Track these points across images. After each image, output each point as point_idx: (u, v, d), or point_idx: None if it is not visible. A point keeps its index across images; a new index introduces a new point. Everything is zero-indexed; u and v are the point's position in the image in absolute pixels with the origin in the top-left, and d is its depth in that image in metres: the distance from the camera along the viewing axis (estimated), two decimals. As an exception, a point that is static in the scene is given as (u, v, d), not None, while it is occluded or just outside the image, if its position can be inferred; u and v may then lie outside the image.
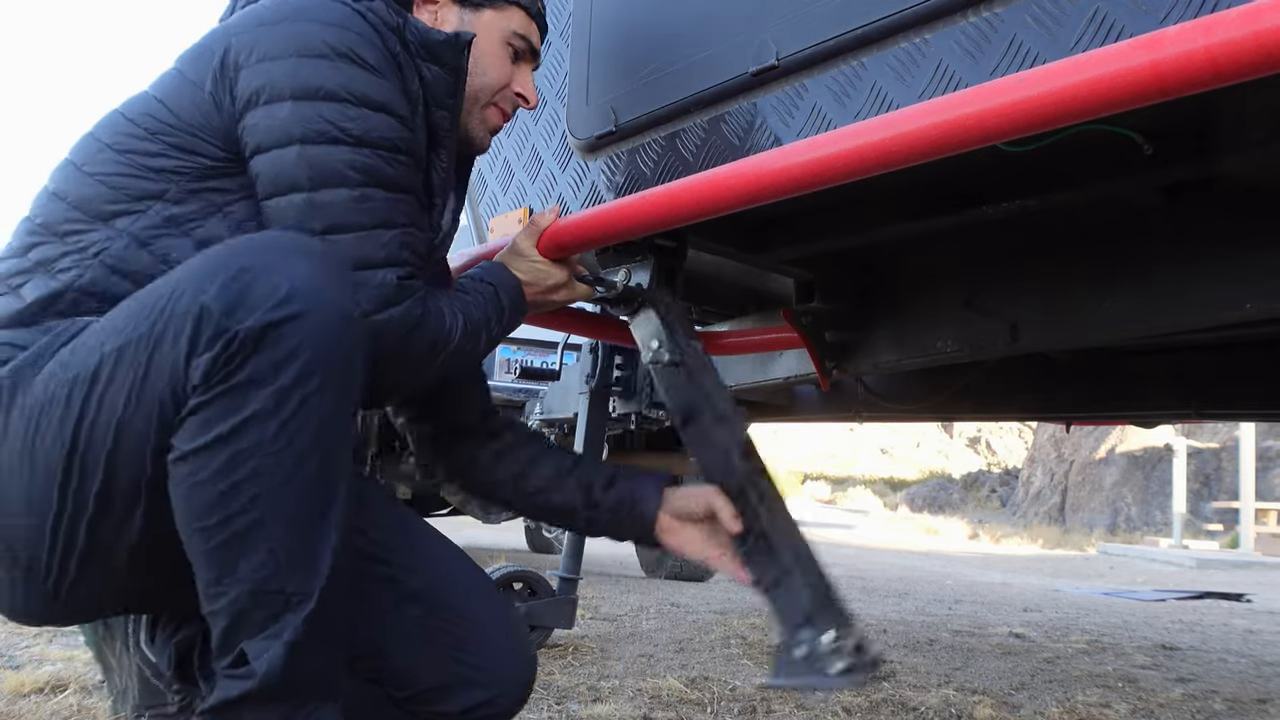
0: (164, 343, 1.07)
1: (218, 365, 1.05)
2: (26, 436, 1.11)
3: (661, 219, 1.45)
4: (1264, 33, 0.82)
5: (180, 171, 1.27)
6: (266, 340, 1.05)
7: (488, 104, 1.56)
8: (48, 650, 2.46)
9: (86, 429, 1.09)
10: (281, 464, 1.07)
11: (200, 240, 1.25)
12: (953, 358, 2.03)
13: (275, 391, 1.06)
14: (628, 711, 2.15)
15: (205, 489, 1.06)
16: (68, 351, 1.14)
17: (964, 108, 1.06)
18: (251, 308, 1.05)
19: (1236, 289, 1.56)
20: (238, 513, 1.06)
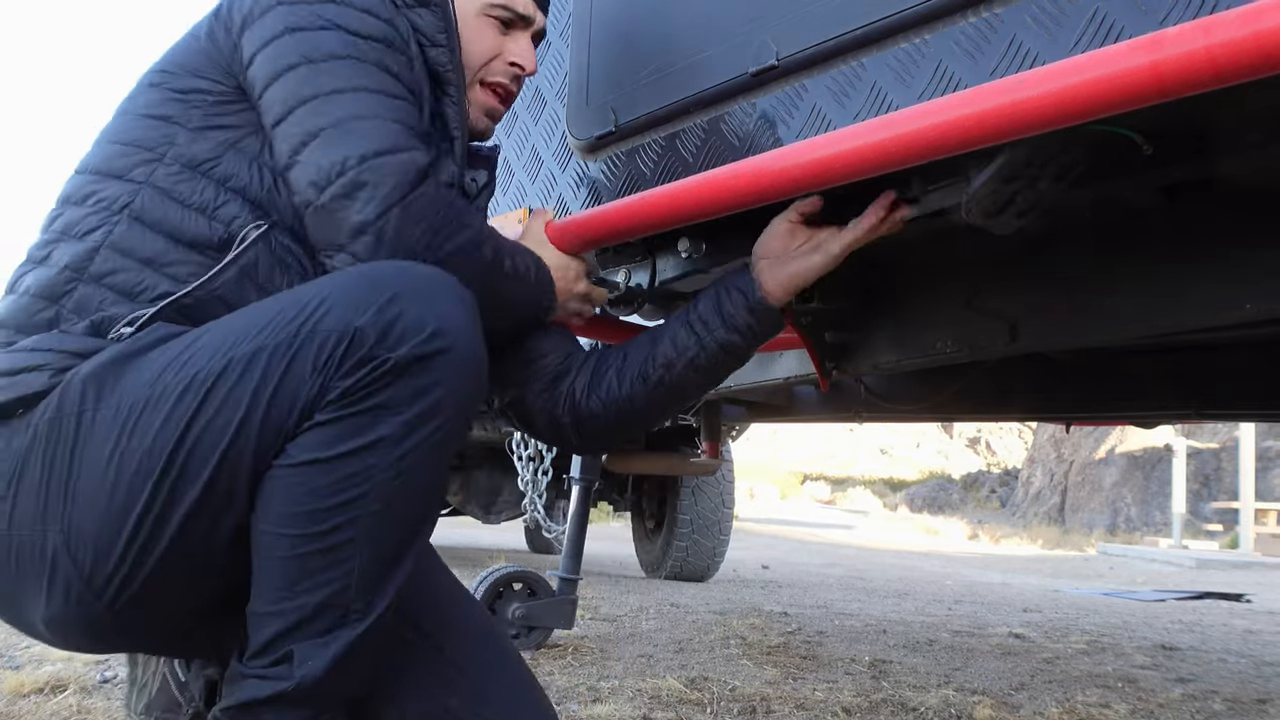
0: (305, 354, 1.07)
1: (359, 385, 1.07)
2: (120, 433, 1.09)
3: (662, 219, 1.45)
4: (1264, 33, 0.82)
5: (186, 113, 1.27)
6: (410, 371, 1.08)
7: (472, 83, 1.52)
8: (47, 651, 2.45)
9: (201, 426, 1.08)
10: (391, 490, 1.08)
11: (220, 179, 1.26)
12: (952, 358, 2.02)
13: (406, 421, 1.08)
14: (627, 712, 2.15)
15: (312, 499, 1.07)
16: (175, 352, 1.12)
17: (963, 109, 1.06)
18: (403, 338, 1.07)
19: (1236, 289, 1.56)
20: (335, 528, 1.07)
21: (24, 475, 1.11)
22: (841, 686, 2.59)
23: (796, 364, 2.45)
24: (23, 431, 1.12)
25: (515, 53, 1.54)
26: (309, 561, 1.08)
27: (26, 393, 1.12)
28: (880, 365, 2.18)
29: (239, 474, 1.08)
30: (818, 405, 3.28)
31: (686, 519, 5.56)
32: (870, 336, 2.17)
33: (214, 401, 1.07)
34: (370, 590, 1.10)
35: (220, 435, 1.07)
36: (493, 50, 1.53)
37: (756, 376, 2.63)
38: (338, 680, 1.10)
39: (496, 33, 1.53)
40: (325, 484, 1.07)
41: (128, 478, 1.07)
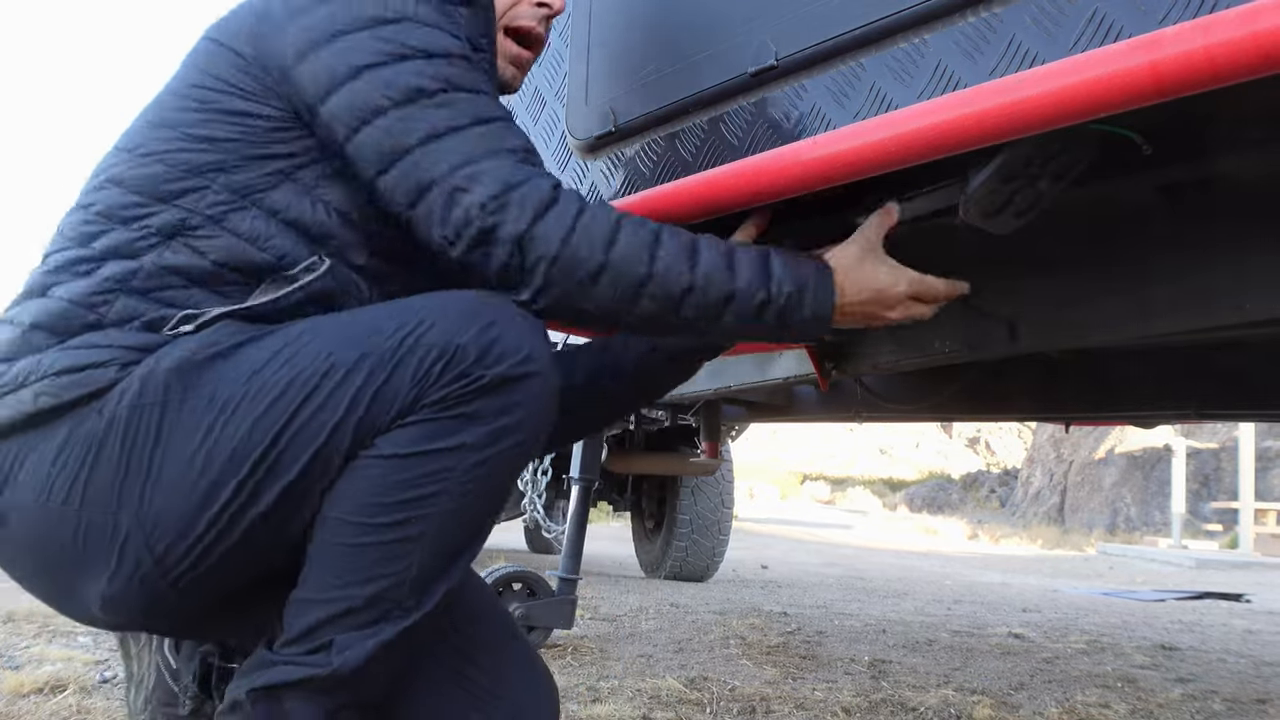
0: (407, 364, 1.12)
1: (453, 395, 1.12)
2: (214, 422, 1.12)
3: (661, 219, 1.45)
4: (1262, 33, 0.82)
5: (235, 138, 1.23)
6: (501, 388, 1.13)
7: (496, 31, 1.45)
8: (47, 650, 2.46)
9: (301, 422, 1.11)
10: (462, 494, 1.13)
11: (271, 209, 1.23)
12: (951, 358, 2.03)
13: (489, 431, 1.13)
14: (627, 712, 2.15)
15: (389, 491, 1.12)
16: (273, 350, 1.15)
17: (963, 108, 1.06)
18: (500, 359, 1.13)
19: (1236, 289, 1.56)
20: (404, 522, 1.12)
21: (99, 458, 1.12)
22: (841, 686, 2.59)
23: (796, 364, 2.45)
24: (93, 417, 1.13)
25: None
26: (371, 552, 1.12)
27: (96, 388, 1.14)
28: (879, 365, 2.18)
29: (328, 469, 1.12)
30: (817, 405, 3.28)
31: (686, 519, 5.56)
32: (869, 336, 2.17)
33: (316, 400, 1.12)
34: (421, 589, 1.14)
35: (318, 432, 1.11)
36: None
37: (756, 376, 2.63)
38: (372, 673, 1.13)
39: None
40: (404, 478, 1.12)
41: (219, 465, 1.11)
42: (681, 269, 1.22)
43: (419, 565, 1.13)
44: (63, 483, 1.13)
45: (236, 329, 1.19)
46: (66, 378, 1.14)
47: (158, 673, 1.48)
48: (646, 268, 1.21)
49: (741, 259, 1.26)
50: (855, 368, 2.22)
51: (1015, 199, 1.30)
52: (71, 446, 1.13)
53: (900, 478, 29.70)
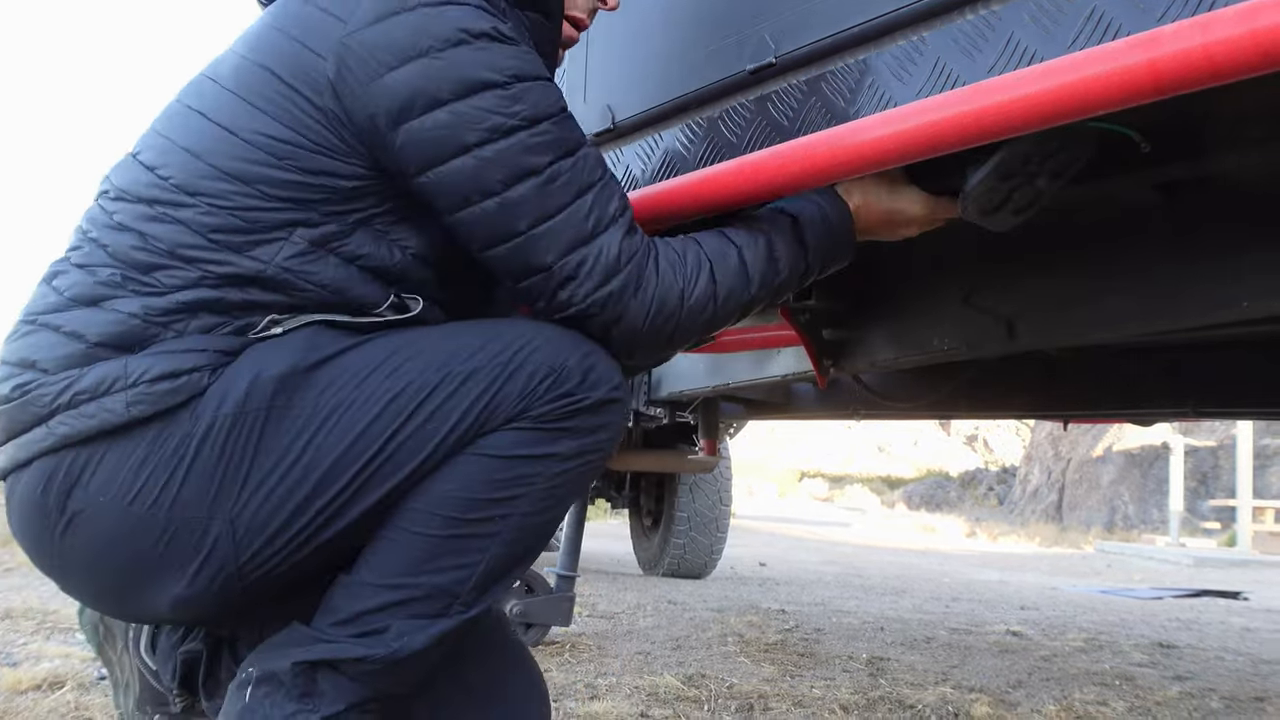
0: (516, 379, 1.17)
1: (554, 412, 1.18)
2: (318, 429, 1.14)
3: (658, 217, 1.45)
4: (1261, 31, 0.82)
5: (318, 199, 1.19)
6: (596, 410, 1.21)
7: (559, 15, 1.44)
8: (45, 647, 2.46)
9: (409, 432, 1.15)
10: (541, 500, 1.20)
11: (349, 257, 1.22)
12: (950, 355, 2.03)
13: (578, 446, 1.20)
14: (625, 709, 2.15)
15: (479, 489, 1.16)
16: (379, 359, 1.18)
17: (961, 106, 1.06)
18: (599, 383, 1.21)
19: (1234, 287, 1.56)
20: (486, 520, 1.17)
21: (195, 463, 1.12)
22: (839, 684, 2.59)
23: (794, 361, 2.45)
24: (187, 421, 1.13)
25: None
26: (448, 545, 1.16)
27: (194, 393, 1.14)
28: (878, 362, 2.18)
29: (428, 475, 1.17)
30: (815, 403, 3.28)
31: (684, 516, 5.56)
32: (868, 334, 2.17)
33: (426, 410, 1.15)
34: (482, 588, 1.18)
35: (425, 441, 1.15)
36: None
37: (754, 374, 2.63)
38: (418, 665, 1.16)
39: None
40: (497, 479, 1.17)
41: (320, 471, 1.13)
42: (740, 293, 1.31)
43: (488, 564, 1.17)
44: (152, 486, 1.12)
45: (337, 335, 1.21)
46: (164, 384, 1.13)
47: (140, 676, 1.48)
48: (711, 310, 1.30)
49: (779, 247, 1.34)
50: (854, 365, 2.22)
51: (1013, 197, 1.31)
52: (162, 450, 1.13)
53: (898, 475, 29.68)
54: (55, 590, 1.75)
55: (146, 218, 1.18)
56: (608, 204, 1.23)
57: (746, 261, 1.31)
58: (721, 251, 1.30)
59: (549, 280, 1.21)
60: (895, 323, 2.12)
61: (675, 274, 1.26)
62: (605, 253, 1.21)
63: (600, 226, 1.21)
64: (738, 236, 1.32)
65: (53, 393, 1.13)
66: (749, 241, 1.32)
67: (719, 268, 1.29)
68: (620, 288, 1.22)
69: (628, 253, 1.23)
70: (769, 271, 1.33)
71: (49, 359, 1.15)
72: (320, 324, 1.21)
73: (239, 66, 1.23)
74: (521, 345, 1.19)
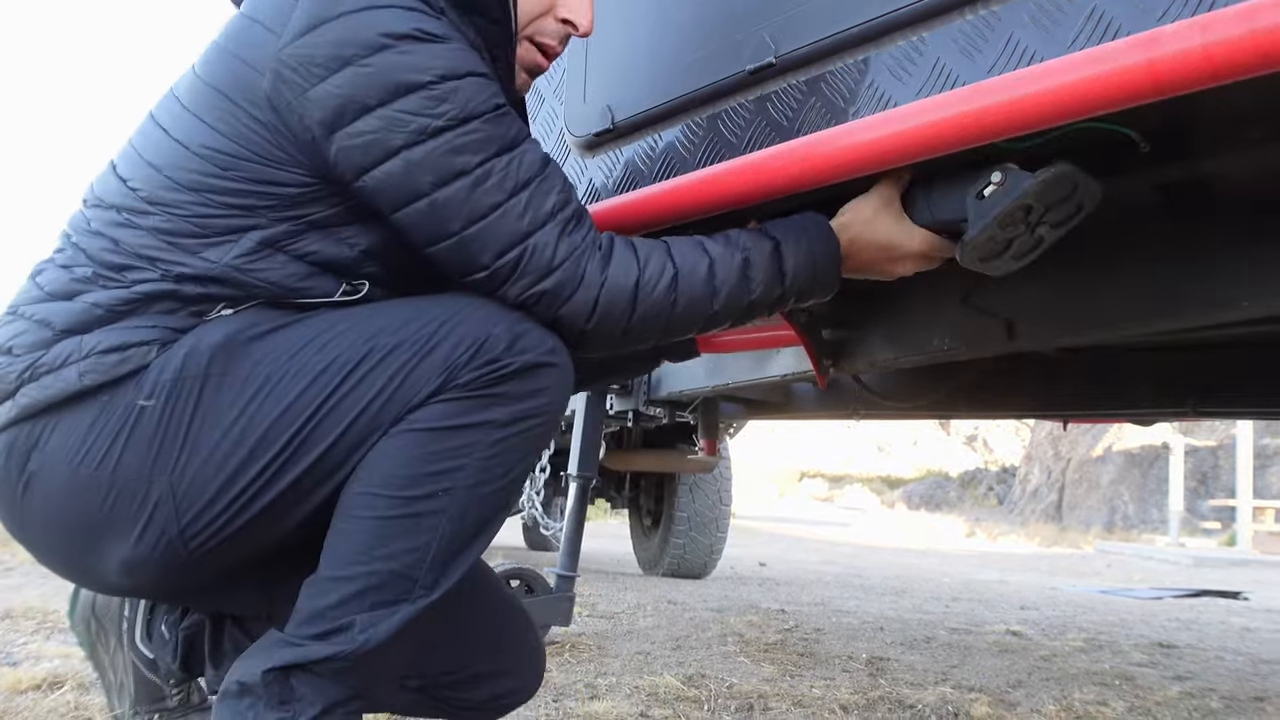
0: (440, 349, 1.19)
1: (482, 378, 1.19)
2: (253, 398, 1.18)
3: (659, 217, 1.45)
4: (1261, 31, 0.82)
5: (264, 205, 1.23)
6: (527, 375, 1.21)
7: (520, 39, 1.42)
8: (45, 647, 2.46)
9: (336, 400, 1.18)
10: (483, 470, 1.20)
11: (300, 254, 1.25)
12: (949, 356, 2.02)
13: (513, 412, 1.20)
14: (625, 709, 2.15)
15: (417, 464, 1.17)
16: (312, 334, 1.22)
17: (961, 106, 1.06)
18: (527, 348, 1.21)
19: (1233, 287, 1.56)
20: (429, 496, 1.17)
21: (137, 427, 1.17)
22: (839, 684, 2.59)
23: (794, 361, 2.45)
24: (133, 390, 1.18)
25: (569, 8, 1.43)
26: (396, 526, 1.17)
27: (140, 365, 1.18)
28: (877, 362, 2.18)
29: (357, 446, 1.18)
30: (815, 403, 3.28)
31: (684, 516, 5.56)
32: (867, 334, 2.17)
33: (352, 380, 1.18)
34: (440, 568, 1.19)
35: (350, 409, 1.18)
36: (545, 4, 1.42)
37: (754, 374, 2.63)
38: (390, 655, 1.17)
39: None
40: (432, 451, 1.18)
41: (254, 439, 1.16)
42: (702, 305, 1.31)
43: (440, 542, 1.18)
44: (98, 449, 1.17)
45: (278, 314, 1.24)
46: (113, 355, 1.18)
47: (135, 671, 1.49)
48: (666, 316, 1.30)
49: (755, 269, 1.33)
50: (853, 365, 2.22)
51: (1014, 244, 1.31)
52: (108, 415, 1.17)
53: (898, 475, 29.67)
54: (55, 590, 1.76)
55: (116, 224, 1.24)
56: (544, 201, 1.24)
57: (716, 275, 1.31)
58: (692, 262, 1.31)
59: (490, 279, 1.23)
60: (895, 323, 2.12)
61: (627, 276, 1.27)
62: (539, 251, 1.23)
63: (534, 225, 1.22)
64: (714, 249, 1.32)
65: (18, 370, 1.19)
66: (724, 256, 1.32)
67: (684, 277, 1.29)
68: (555, 286, 1.23)
69: (565, 251, 1.24)
70: (739, 290, 1.33)
71: (20, 344, 1.21)
72: (266, 304, 1.25)
73: (192, 84, 1.28)
74: (448, 318, 1.21)
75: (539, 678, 1.55)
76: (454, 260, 1.24)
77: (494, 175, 1.21)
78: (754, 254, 1.33)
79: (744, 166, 1.33)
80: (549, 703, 2.20)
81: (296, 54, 1.18)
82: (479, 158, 1.20)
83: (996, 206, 1.23)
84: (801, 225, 1.37)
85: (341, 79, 1.17)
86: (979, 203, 1.25)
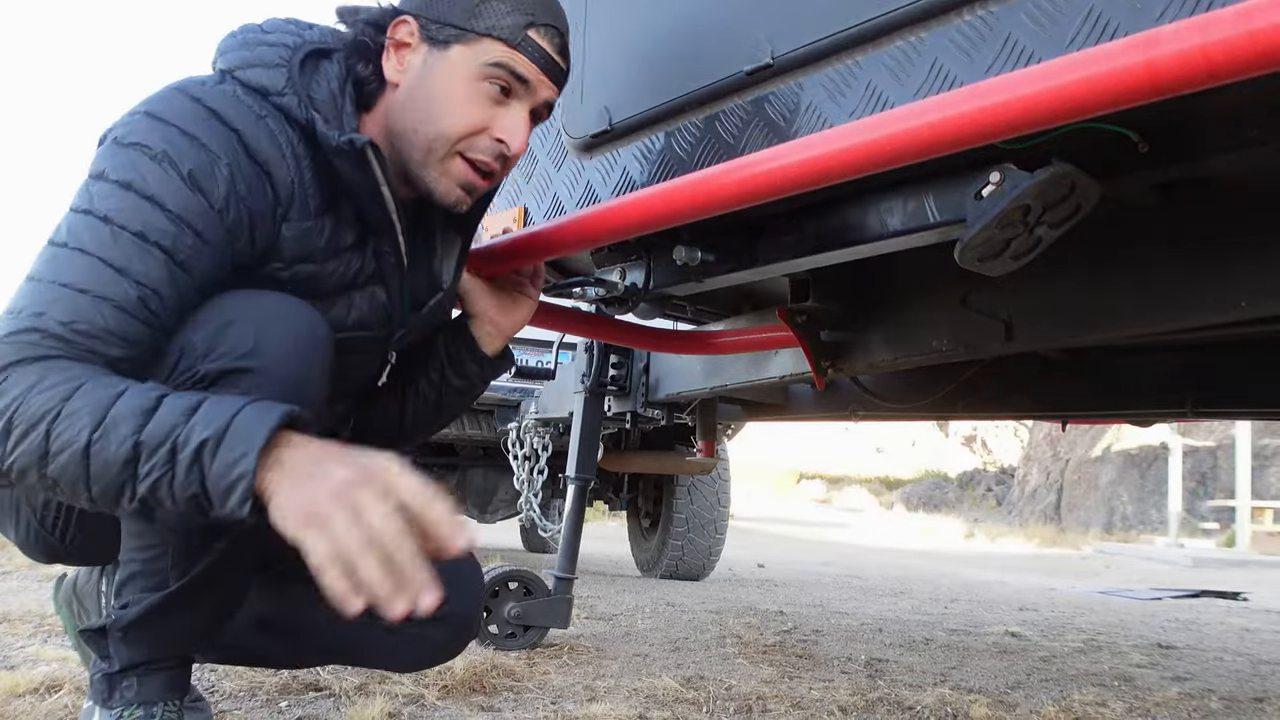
0: (165, 364, 1.22)
1: (183, 385, 1.20)
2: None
3: (657, 219, 1.44)
4: (1259, 31, 0.82)
5: None
6: (222, 382, 1.20)
7: (450, 155, 1.37)
8: (42, 650, 2.45)
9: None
10: None
11: None
12: (948, 357, 2.02)
13: None
14: (623, 711, 2.15)
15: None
16: None
17: (959, 106, 1.06)
18: (220, 354, 1.21)
19: (1231, 288, 1.56)
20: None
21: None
22: (837, 685, 2.59)
23: (792, 363, 2.45)
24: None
25: (504, 127, 1.37)
26: (140, 523, 1.30)
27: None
28: (875, 364, 2.18)
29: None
30: (813, 404, 3.28)
31: (682, 518, 5.56)
32: (866, 335, 2.17)
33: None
34: (183, 564, 1.30)
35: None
36: (479, 122, 1.36)
37: (752, 375, 2.63)
38: (154, 629, 1.34)
39: (489, 102, 1.36)
40: None
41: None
42: (72, 464, 1.07)
43: (174, 543, 1.30)
44: None
45: None
46: None
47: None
48: (40, 468, 1.08)
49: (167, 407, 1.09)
50: (851, 366, 2.22)
51: (1012, 245, 1.30)
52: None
53: (897, 476, 29.67)
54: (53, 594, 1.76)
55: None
56: (50, 306, 1.14)
57: (112, 417, 1.07)
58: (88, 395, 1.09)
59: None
60: (893, 324, 2.12)
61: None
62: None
63: (24, 312, 1.13)
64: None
65: None
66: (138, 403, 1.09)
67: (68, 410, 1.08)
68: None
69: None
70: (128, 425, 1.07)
71: None
72: None
73: None
74: (187, 326, 1.25)
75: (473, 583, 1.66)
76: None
77: (60, 262, 1.17)
78: (155, 445, 1.06)
79: (736, 169, 1.33)
80: (547, 704, 2.20)
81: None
82: (76, 241, 1.17)
83: (995, 207, 1.22)
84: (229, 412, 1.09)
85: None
86: (977, 203, 1.25)
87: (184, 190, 1.20)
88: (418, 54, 1.37)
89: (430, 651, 1.69)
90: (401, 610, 0.97)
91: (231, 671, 2.19)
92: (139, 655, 1.37)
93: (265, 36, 1.35)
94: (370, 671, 2.30)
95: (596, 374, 3.14)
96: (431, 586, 0.99)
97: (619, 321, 2.52)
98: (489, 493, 5.90)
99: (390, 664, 1.73)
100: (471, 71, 1.35)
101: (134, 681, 1.38)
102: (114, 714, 1.39)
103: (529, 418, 4.17)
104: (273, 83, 1.30)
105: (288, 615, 1.61)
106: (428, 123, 1.36)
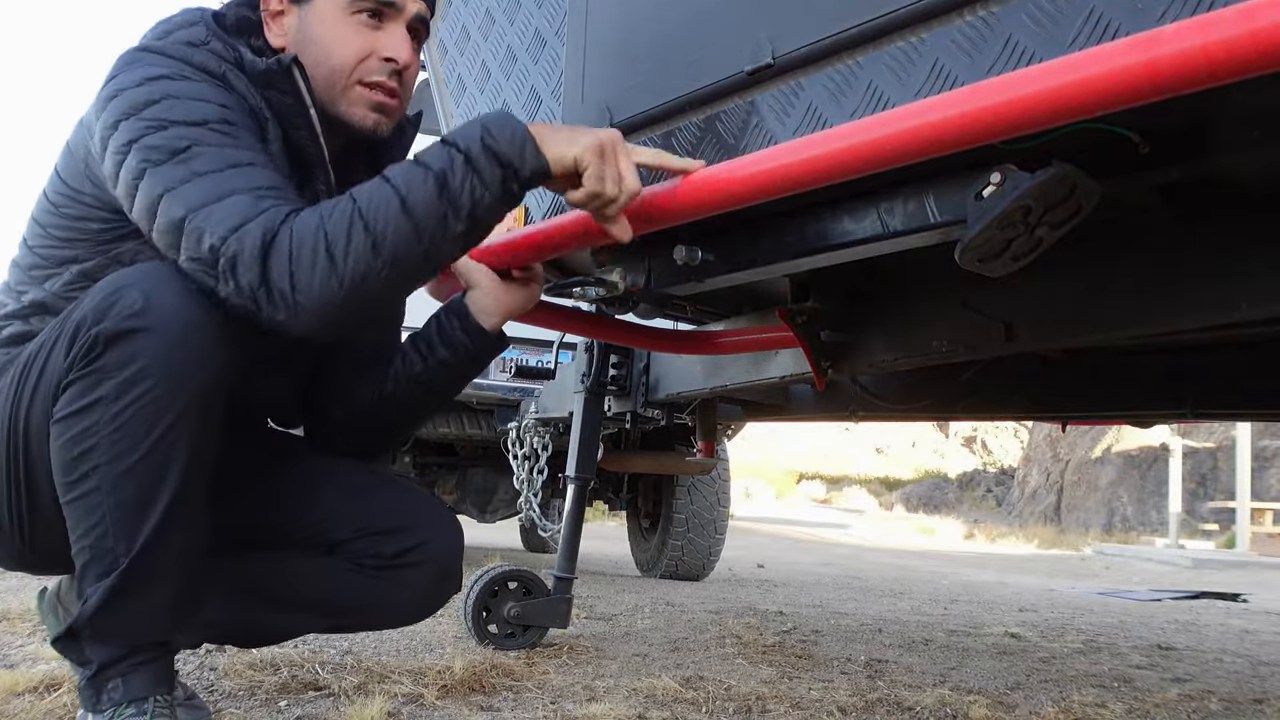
0: (60, 343, 1.33)
1: (81, 356, 1.29)
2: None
3: (657, 219, 1.44)
4: (1261, 31, 0.82)
5: (81, 238, 1.46)
6: (116, 343, 1.28)
7: (349, 85, 1.51)
8: (42, 649, 2.45)
9: (23, 406, 1.38)
10: (115, 445, 1.29)
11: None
12: (948, 357, 2.02)
13: (118, 383, 1.28)
14: (623, 711, 2.14)
15: (64, 450, 1.31)
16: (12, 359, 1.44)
17: (960, 106, 1.05)
18: (109, 316, 1.28)
19: (1232, 289, 1.56)
20: (83, 478, 1.30)
21: None
22: (837, 686, 2.59)
23: (792, 363, 2.44)
24: None
25: (386, 46, 1.51)
26: (74, 509, 1.32)
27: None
28: (876, 364, 2.17)
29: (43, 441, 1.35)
30: (813, 404, 3.28)
31: (682, 518, 5.56)
32: (866, 336, 2.17)
33: (25, 388, 1.38)
34: (128, 537, 1.31)
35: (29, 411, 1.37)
36: (363, 49, 1.50)
37: (752, 375, 2.63)
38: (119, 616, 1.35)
39: (367, 29, 1.50)
40: (70, 437, 1.30)
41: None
42: (399, 227, 1.27)
43: (111, 515, 1.30)
44: None
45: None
46: None
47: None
48: (375, 254, 1.26)
49: (454, 174, 1.30)
50: (851, 367, 2.22)
51: (1012, 245, 1.30)
52: None
53: (896, 477, 29.68)
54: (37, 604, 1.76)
55: (13, 261, 1.54)
56: (244, 178, 1.34)
57: (402, 196, 1.28)
58: (372, 192, 1.30)
59: (185, 238, 1.29)
60: (893, 325, 2.11)
61: (310, 223, 1.28)
62: (233, 207, 1.28)
63: (229, 191, 1.31)
64: (398, 177, 1.31)
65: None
66: (412, 181, 1.30)
67: (365, 202, 1.28)
68: (241, 238, 1.27)
69: (258, 211, 1.29)
70: (420, 185, 1.29)
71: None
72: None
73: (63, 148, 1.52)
74: (69, 313, 1.35)
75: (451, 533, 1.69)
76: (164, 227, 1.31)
77: (201, 157, 1.33)
78: (449, 167, 1.30)
79: (736, 168, 1.33)
80: (546, 704, 2.20)
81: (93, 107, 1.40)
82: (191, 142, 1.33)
83: (995, 207, 1.22)
84: (476, 120, 1.35)
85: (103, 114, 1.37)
86: (978, 203, 1.25)
87: (208, 86, 1.40)
88: (291, 15, 1.53)
89: (414, 600, 1.70)
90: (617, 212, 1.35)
91: (230, 671, 2.19)
92: (115, 649, 1.38)
93: (171, 16, 1.52)
94: (370, 671, 2.30)
95: (596, 374, 3.14)
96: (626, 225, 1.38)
97: (619, 321, 2.52)
98: (489, 492, 5.90)
99: (376, 617, 1.73)
100: (339, 10, 1.50)
101: (119, 681, 1.39)
102: (106, 717, 1.38)
103: (529, 417, 4.16)
104: (196, 35, 1.46)
105: (268, 581, 1.63)
106: (321, 64, 1.50)
